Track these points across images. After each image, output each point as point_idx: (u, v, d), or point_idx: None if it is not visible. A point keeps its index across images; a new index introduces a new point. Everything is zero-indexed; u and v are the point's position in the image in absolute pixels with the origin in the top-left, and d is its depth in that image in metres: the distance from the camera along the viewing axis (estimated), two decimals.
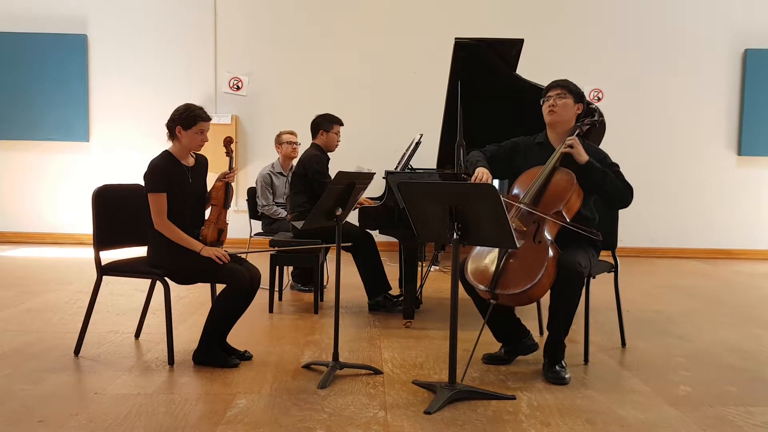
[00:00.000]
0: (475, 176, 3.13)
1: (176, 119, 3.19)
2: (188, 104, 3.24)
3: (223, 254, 3.14)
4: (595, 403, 2.77)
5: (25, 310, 4.27)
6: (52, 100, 7.66)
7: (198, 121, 3.18)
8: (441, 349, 3.50)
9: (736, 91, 7.83)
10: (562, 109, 3.20)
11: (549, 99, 3.23)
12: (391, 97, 7.75)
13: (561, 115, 3.21)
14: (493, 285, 2.93)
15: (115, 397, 2.73)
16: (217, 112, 7.68)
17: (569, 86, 3.23)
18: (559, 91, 3.22)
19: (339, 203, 3.07)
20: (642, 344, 3.74)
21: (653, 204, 7.69)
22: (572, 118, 3.24)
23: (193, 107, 3.21)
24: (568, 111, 3.22)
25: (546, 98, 3.25)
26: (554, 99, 3.21)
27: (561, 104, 3.20)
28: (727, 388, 3.01)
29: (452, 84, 4.42)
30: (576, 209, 3.10)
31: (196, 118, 3.18)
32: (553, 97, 3.22)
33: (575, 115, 3.25)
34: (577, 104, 3.23)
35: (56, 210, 7.82)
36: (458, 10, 7.68)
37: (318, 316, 4.30)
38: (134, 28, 7.72)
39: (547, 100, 3.24)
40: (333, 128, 4.78)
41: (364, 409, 2.65)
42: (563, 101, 3.20)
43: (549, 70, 4.79)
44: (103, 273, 3.27)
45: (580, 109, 3.26)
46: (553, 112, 3.21)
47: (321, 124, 4.78)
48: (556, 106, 3.20)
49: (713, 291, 5.65)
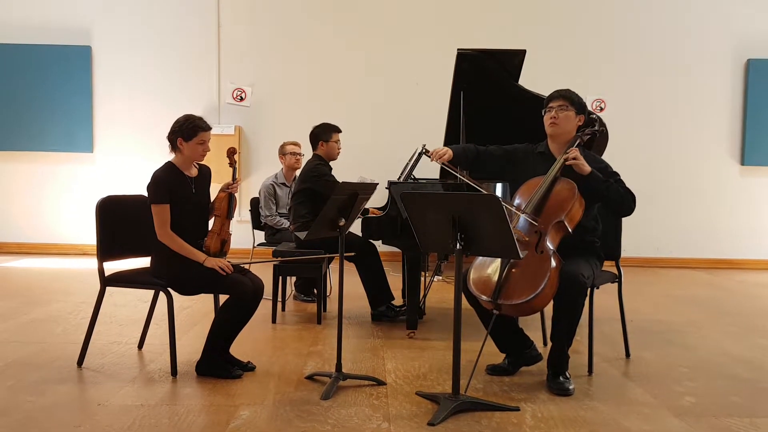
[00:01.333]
0: (435, 150, 3.34)
1: (176, 131, 3.19)
2: (188, 115, 3.24)
3: (226, 265, 3.14)
4: (600, 414, 2.76)
5: (28, 321, 4.27)
6: (57, 111, 7.70)
7: (198, 132, 3.18)
8: (444, 359, 3.49)
9: (738, 101, 7.83)
10: (563, 121, 3.20)
11: (551, 110, 3.23)
12: (394, 108, 7.77)
13: (562, 127, 3.21)
14: (496, 295, 2.92)
15: (119, 408, 2.72)
16: (221, 123, 7.71)
17: (572, 97, 3.22)
18: (561, 103, 3.21)
19: (342, 213, 3.07)
20: (646, 354, 3.73)
21: (657, 214, 7.69)
22: (573, 130, 3.24)
23: (192, 118, 3.21)
24: (569, 123, 3.21)
25: (548, 109, 3.25)
26: (556, 111, 3.20)
27: (563, 116, 3.19)
28: (732, 399, 2.99)
29: (454, 94, 4.43)
30: (578, 219, 3.09)
31: (196, 129, 3.18)
32: (555, 108, 3.21)
33: (576, 127, 3.25)
34: (578, 116, 3.23)
35: (60, 221, 7.84)
36: (460, 21, 7.71)
37: (321, 326, 4.30)
38: (138, 40, 7.77)
39: (549, 111, 3.23)
40: (332, 137, 4.75)
41: (368, 420, 2.64)
42: (565, 114, 3.19)
43: (551, 80, 4.79)
44: (106, 284, 3.27)
45: (582, 120, 3.25)
46: (554, 124, 3.21)
47: (320, 135, 4.76)
48: (558, 118, 3.20)
49: (717, 301, 5.63)
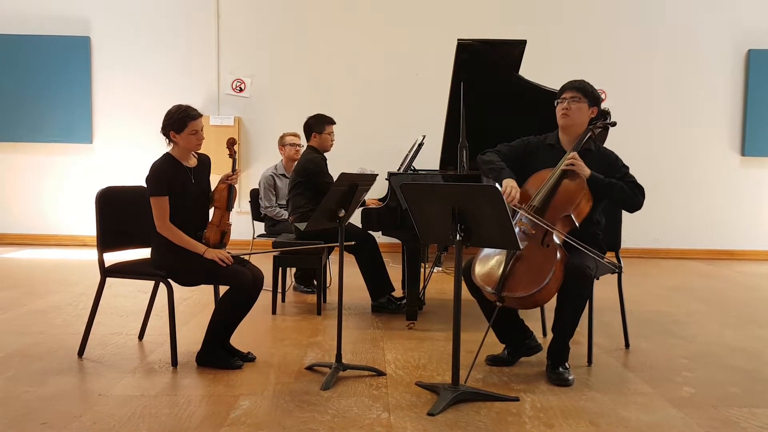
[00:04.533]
0: (503, 190, 2.97)
1: (167, 125, 3.18)
2: (177, 106, 3.20)
3: (226, 256, 3.14)
4: (599, 404, 2.77)
5: (28, 312, 4.28)
6: (56, 102, 7.67)
7: (188, 123, 3.16)
8: (444, 350, 3.50)
9: (739, 92, 7.80)
10: (575, 113, 3.14)
11: (563, 101, 3.16)
12: (393, 99, 7.74)
13: (574, 119, 3.15)
14: (500, 288, 2.91)
15: (119, 398, 2.73)
16: (220, 114, 7.70)
17: (585, 89, 3.15)
18: (574, 94, 3.14)
19: (342, 205, 3.07)
20: (645, 345, 3.73)
21: (657, 205, 7.64)
22: (585, 122, 3.18)
23: (181, 109, 3.18)
24: (581, 115, 3.15)
25: (560, 100, 3.18)
26: (569, 102, 3.14)
27: (575, 108, 3.13)
28: (731, 390, 3.00)
29: (455, 85, 4.42)
30: (586, 213, 3.06)
31: (185, 119, 3.15)
32: (568, 99, 3.15)
33: (588, 119, 3.18)
34: (591, 108, 3.16)
35: (60, 212, 7.83)
36: (460, 11, 7.67)
37: (321, 317, 4.31)
38: (137, 30, 7.74)
39: (562, 102, 3.17)
40: (325, 129, 4.74)
41: (368, 410, 2.65)
42: (577, 105, 3.13)
43: (552, 71, 4.78)
44: (106, 275, 3.27)
45: (595, 113, 3.19)
46: (566, 115, 3.15)
47: (313, 126, 4.75)
48: (570, 109, 3.13)
49: (717, 292, 5.64)
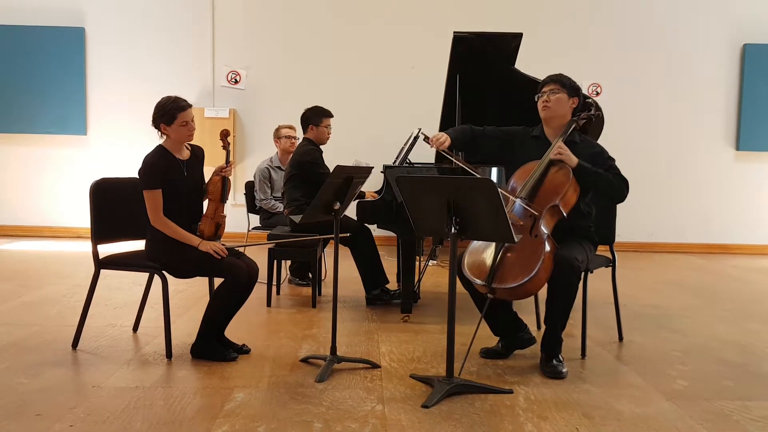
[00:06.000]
0: (434, 136, 3.31)
1: (157, 117, 3.16)
2: (166, 98, 3.18)
3: (220, 249, 3.13)
4: (592, 397, 2.78)
5: (23, 304, 4.27)
6: (50, 93, 7.63)
7: (177, 115, 3.14)
8: (438, 343, 3.51)
9: (734, 86, 7.82)
10: (555, 104, 3.20)
11: (543, 95, 3.24)
12: (389, 91, 7.72)
13: (555, 110, 3.22)
14: (490, 279, 2.93)
15: (113, 390, 2.73)
16: (215, 106, 7.67)
17: (563, 80, 3.23)
18: (552, 87, 3.22)
19: (337, 197, 3.06)
20: (639, 339, 3.75)
21: (651, 199, 7.70)
22: (567, 113, 3.24)
23: (170, 100, 3.16)
24: (562, 106, 3.21)
25: (540, 93, 3.26)
26: (548, 94, 3.22)
27: (554, 99, 3.20)
28: (724, 383, 3.02)
29: (451, 78, 4.42)
30: (573, 203, 3.09)
31: (174, 111, 3.13)
32: (547, 92, 3.22)
33: (571, 110, 3.24)
34: (571, 98, 3.23)
35: (54, 203, 7.80)
36: (457, 4, 7.66)
37: (316, 310, 4.31)
38: (132, 22, 7.69)
39: (542, 95, 3.25)
40: (322, 122, 4.73)
41: (362, 402, 2.65)
42: (556, 96, 3.20)
43: (547, 64, 4.75)
44: (101, 266, 3.26)
45: (576, 103, 3.25)
46: (546, 107, 3.22)
47: (310, 119, 4.74)
48: (550, 101, 3.21)
49: (710, 286, 5.66)
